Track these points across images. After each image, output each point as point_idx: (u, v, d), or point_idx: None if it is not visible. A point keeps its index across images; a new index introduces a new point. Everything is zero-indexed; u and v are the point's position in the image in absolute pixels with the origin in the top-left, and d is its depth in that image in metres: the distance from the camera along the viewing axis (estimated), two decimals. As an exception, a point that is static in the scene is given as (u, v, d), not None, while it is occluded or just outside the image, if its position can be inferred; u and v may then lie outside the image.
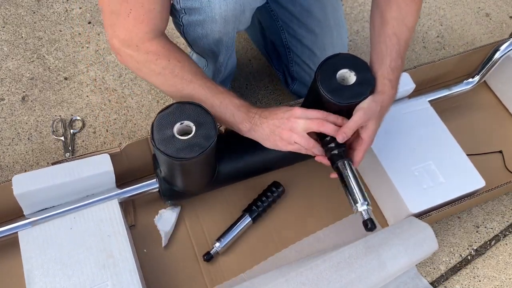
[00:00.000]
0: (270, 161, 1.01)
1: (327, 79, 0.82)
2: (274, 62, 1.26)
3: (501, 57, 1.19)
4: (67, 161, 0.92)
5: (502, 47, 1.19)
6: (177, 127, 0.81)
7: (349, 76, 0.83)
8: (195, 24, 0.87)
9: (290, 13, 1.09)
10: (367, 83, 0.82)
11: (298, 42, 1.12)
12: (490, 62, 1.20)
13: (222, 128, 0.97)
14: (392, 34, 0.84)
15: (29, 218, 0.89)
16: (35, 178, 0.88)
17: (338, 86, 0.82)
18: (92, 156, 0.92)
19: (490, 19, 1.56)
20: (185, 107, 0.82)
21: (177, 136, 0.81)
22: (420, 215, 0.96)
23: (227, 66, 1.07)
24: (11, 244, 0.90)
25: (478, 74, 1.22)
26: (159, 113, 0.82)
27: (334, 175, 0.86)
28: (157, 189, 0.96)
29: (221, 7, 0.83)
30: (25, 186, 0.86)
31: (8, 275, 0.92)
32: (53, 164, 0.91)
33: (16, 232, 0.87)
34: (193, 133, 0.81)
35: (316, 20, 1.08)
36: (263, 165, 1.01)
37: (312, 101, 0.89)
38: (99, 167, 0.91)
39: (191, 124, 0.82)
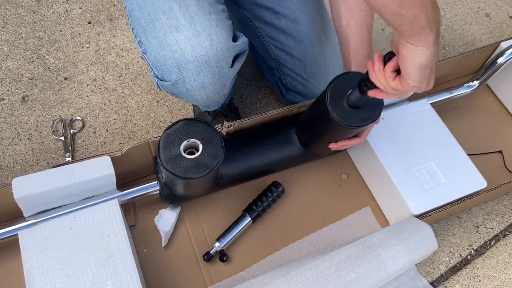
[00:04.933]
0: (273, 163, 1.01)
1: (337, 103, 0.83)
2: (266, 76, 1.25)
3: (506, 62, 1.17)
4: (67, 164, 0.91)
5: (508, 52, 1.17)
6: (183, 145, 0.81)
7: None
8: (169, 89, 0.89)
9: (276, 27, 1.07)
10: (375, 105, 0.82)
11: (287, 55, 1.10)
12: (494, 67, 1.18)
13: (223, 131, 0.97)
14: (363, 24, 0.87)
15: (28, 220, 0.88)
16: (36, 181, 0.87)
17: (347, 109, 0.83)
18: (93, 159, 0.92)
19: (490, 19, 1.56)
20: (192, 124, 0.81)
21: (184, 155, 0.80)
22: (421, 216, 0.96)
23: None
24: (11, 245, 0.90)
25: (480, 78, 1.20)
26: (165, 130, 0.81)
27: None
28: (158, 191, 0.96)
29: (201, 93, 0.84)
30: (25, 189, 0.86)
31: (9, 275, 0.92)
32: (53, 167, 0.91)
33: (16, 234, 0.87)
34: (200, 151, 0.80)
35: (304, 29, 1.06)
36: (265, 167, 1.01)
37: (318, 115, 0.89)
38: (100, 170, 0.91)
39: (198, 142, 0.81)
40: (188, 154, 0.81)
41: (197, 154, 0.80)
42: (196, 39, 0.80)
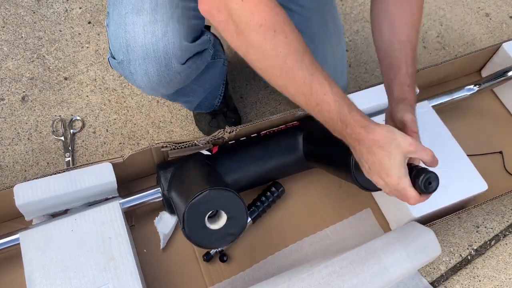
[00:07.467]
0: (276, 173, 1.02)
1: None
2: None
3: None
4: (69, 169, 0.91)
5: None
6: (208, 216, 0.81)
7: None
8: (116, 68, 0.89)
9: None
10: None
11: None
12: (501, 79, 1.16)
13: (225, 136, 0.97)
14: (407, 41, 0.82)
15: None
16: (37, 188, 0.87)
17: None
18: (94, 165, 0.92)
19: (490, 19, 1.56)
20: (217, 194, 0.80)
21: (209, 226, 0.81)
22: (423, 220, 0.96)
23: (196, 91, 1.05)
24: (13, 253, 0.89)
25: (482, 85, 1.17)
26: (190, 201, 0.79)
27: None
28: (161, 198, 0.96)
29: (144, 80, 0.83)
30: (27, 196, 0.86)
31: (10, 278, 0.92)
32: (55, 173, 0.90)
33: (18, 243, 0.86)
34: (224, 222, 0.81)
35: (317, 27, 1.06)
36: (268, 177, 1.02)
37: (338, 164, 0.90)
38: (102, 178, 0.91)
39: (223, 213, 0.81)
40: (211, 220, 0.82)
41: (222, 225, 0.81)
42: (151, 26, 0.80)
